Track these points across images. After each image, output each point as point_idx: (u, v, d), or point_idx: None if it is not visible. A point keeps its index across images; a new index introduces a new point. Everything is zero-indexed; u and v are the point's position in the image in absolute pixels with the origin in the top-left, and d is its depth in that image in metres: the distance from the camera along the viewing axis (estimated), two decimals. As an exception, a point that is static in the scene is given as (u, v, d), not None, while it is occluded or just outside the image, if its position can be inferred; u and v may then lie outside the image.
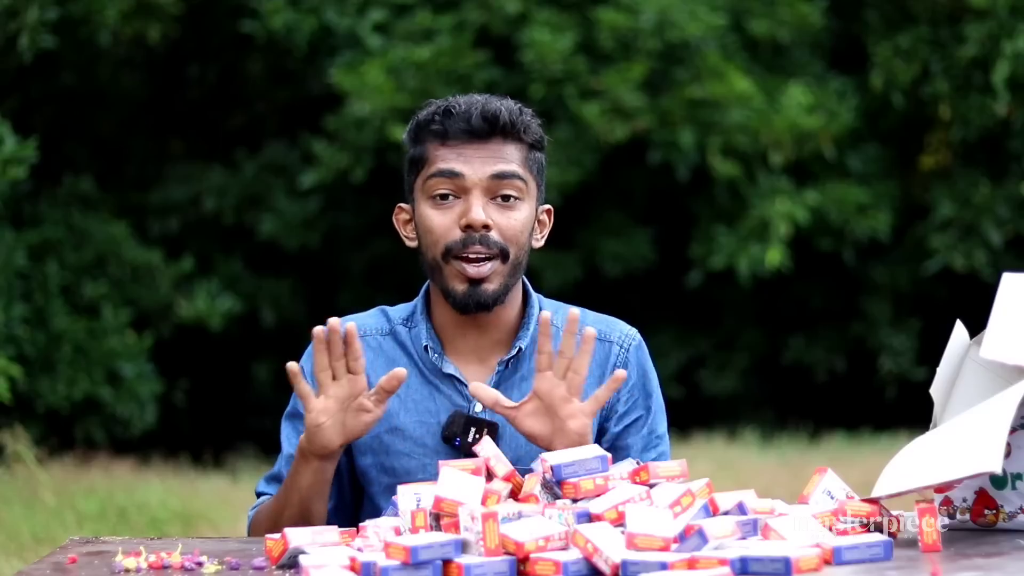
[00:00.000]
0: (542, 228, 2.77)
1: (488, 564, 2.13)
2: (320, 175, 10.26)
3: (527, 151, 2.70)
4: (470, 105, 2.69)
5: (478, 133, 2.66)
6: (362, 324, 2.78)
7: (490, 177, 2.65)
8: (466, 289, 2.66)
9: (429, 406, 2.71)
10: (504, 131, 2.67)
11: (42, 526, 6.50)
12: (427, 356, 2.72)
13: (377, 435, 2.72)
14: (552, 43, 10.02)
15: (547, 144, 2.77)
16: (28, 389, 9.02)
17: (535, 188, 2.71)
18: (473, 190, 2.65)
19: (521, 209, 2.68)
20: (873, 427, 10.32)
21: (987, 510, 2.46)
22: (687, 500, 2.24)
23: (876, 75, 10.64)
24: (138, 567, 2.31)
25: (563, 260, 10.56)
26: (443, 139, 2.67)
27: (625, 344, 2.78)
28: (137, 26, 9.83)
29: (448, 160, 2.66)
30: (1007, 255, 10.57)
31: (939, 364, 2.51)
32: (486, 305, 2.66)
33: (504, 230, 2.66)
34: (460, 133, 2.66)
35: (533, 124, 2.72)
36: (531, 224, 2.70)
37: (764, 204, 10.33)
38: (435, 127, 2.69)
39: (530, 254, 2.73)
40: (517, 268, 2.69)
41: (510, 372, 2.72)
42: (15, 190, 8.61)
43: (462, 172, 2.65)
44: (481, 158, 2.66)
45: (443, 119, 2.68)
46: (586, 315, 2.80)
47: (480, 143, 2.67)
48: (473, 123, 2.66)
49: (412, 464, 2.70)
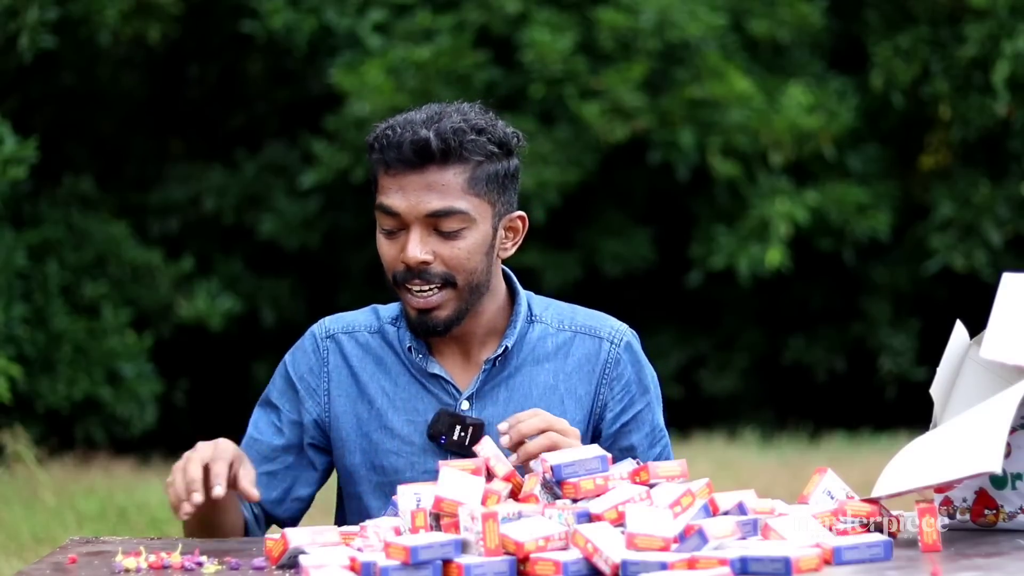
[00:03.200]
0: (514, 235, 2.71)
1: (488, 564, 2.13)
2: (320, 175, 10.26)
3: (474, 170, 2.62)
4: (403, 134, 2.61)
5: (411, 164, 2.61)
6: (352, 321, 2.79)
7: (426, 216, 2.61)
8: (416, 316, 2.66)
9: (417, 405, 2.71)
10: (440, 158, 2.60)
11: (42, 526, 6.51)
12: (411, 356, 2.72)
13: (366, 434, 2.72)
14: (552, 43, 10.02)
15: (520, 143, 2.69)
16: (28, 389, 9.02)
17: (488, 207, 2.64)
18: (412, 225, 2.61)
19: (467, 237, 2.62)
20: (873, 427, 10.32)
21: (987, 510, 2.46)
22: (687, 500, 2.24)
23: (876, 75, 10.64)
24: (138, 567, 2.31)
25: (563, 260, 10.56)
26: (385, 167, 2.64)
27: (616, 340, 2.75)
28: (137, 26, 9.83)
29: (389, 194, 2.62)
30: (1007, 255, 10.57)
31: (939, 364, 2.50)
32: (438, 330, 2.65)
33: (448, 260, 2.62)
34: (396, 163, 2.62)
35: (479, 141, 2.62)
36: (486, 244, 2.64)
37: (764, 204, 10.33)
38: (375, 156, 2.65)
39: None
40: (474, 289, 2.65)
41: (497, 370, 2.71)
42: (15, 190, 8.61)
43: (398, 211, 2.61)
44: (418, 191, 2.60)
45: (381, 149, 2.64)
46: (576, 311, 2.79)
47: (417, 172, 2.61)
48: (404, 154, 2.60)
49: (400, 462, 2.70)
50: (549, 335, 2.74)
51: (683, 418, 9.93)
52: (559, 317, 2.76)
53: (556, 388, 2.71)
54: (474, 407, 2.69)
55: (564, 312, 2.78)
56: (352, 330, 2.77)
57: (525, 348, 2.72)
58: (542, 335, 2.74)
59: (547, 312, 2.76)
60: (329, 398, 2.75)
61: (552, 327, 2.75)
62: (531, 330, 2.73)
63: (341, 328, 2.78)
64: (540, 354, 2.72)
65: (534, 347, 2.73)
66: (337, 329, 2.78)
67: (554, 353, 2.73)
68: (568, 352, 2.73)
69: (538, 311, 2.76)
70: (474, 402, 2.70)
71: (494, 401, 2.70)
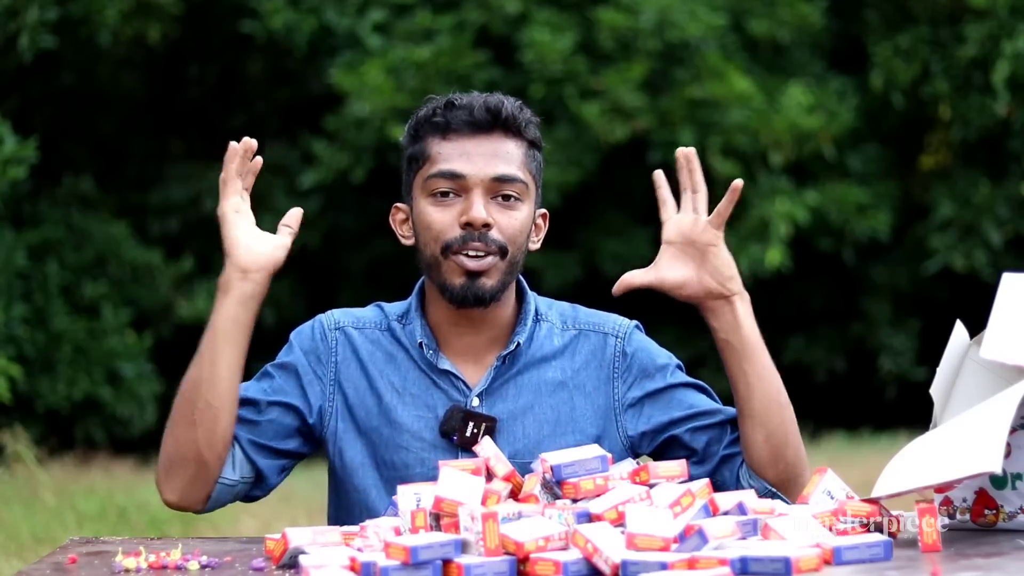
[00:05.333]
0: (538, 232, 2.77)
1: (488, 564, 2.13)
2: (320, 175, 10.26)
3: (527, 149, 2.69)
4: (472, 98, 2.69)
5: (480, 125, 2.66)
6: (360, 317, 2.79)
7: (492, 179, 2.65)
8: (464, 282, 2.65)
9: (427, 400, 2.71)
10: (506, 125, 2.67)
11: (42, 526, 6.51)
12: (422, 352, 2.72)
13: (376, 427, 2.72)
14: (552, 43, 10.02)
15: (544, 149, 2.77)
16: (28, 389, 9.02)
17: (534, 189, 2.71)
18: (475, 189, 2.65)
19: (521, 209, 2.68)
20: (873, 427, 10.33)
21: (987, 510, 2.46)
22: (687, 500, 2.24)
23: (876, 75, 10.64)
24: (138, 567, 2.31)
25: (563, 260, 10.57)
26: (444, 133, 2.67)
27: (620, 334, 2.79)
28: (137, 26, 9.84)
29: (450, 159, 2.66)
30: (1007, 255, 10.58)
31: (939, 364, 2.50)
32: (483, 299, 2.66)
33: (504, 229, 2.66)
34: (462, 125, 2.66)
35: (533, 123, 2.71)
36: (530, 225, 2.70)
37: (764, 204, 10.34)
38: (437, 119, 2.68)
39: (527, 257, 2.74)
40: (514, 267, 2.69)
41: (507, 367, 2.72)
42: (15, 190, 8.61)
43: (464, 173, 2.65)
44: (483, 155, 2.66)
45: (445, 111, 2.68)
46: (578, 311, 2.81)
47: (482, 136, 2.67)
48: (476, 114, 2.66)
49: (410, 458, 2.70)
50: (555, 334, 2.76)
51: (683, 418, 9.92)
52: (563, 316, 2.79)
53: (565, 384, 2.73)
54: (484, 403, 2.70)
55: (567, 312, 2.81)
56: (361, 325, 2.77)
57: (534, 346, 2.74)
58: (548, 334, 2.76)
59: (551, 312, 2.79)
60: (336, 388, 2.74)
61: (558, 326, 2.77)
62: (538, 329, 2.76)
63: (350, 322, 2.78)
64: (548, 352, 2.75)
65: (542, 345, 2.75)
66: (346, 322, 2.78)
67: (561, 351, 2.75)
68: (575, 349, 2.76)
69: (543, 311, 2.79)
70: (484, 398, 2.70)
71: (504, 397, 2.71)
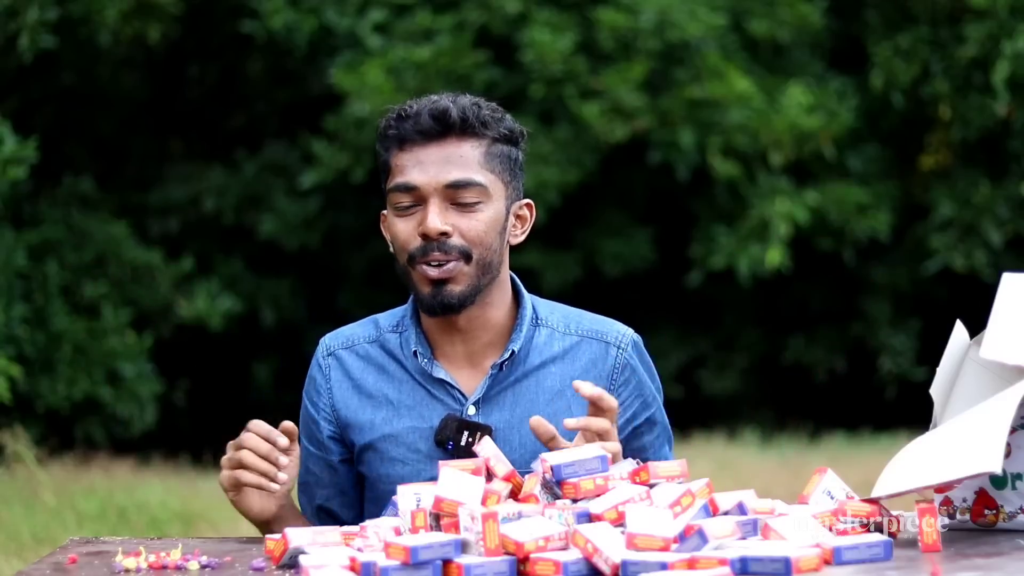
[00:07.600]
0: (522, 223, 2.74)
1: (488, 564, 2.13)
2: (320, 175, 10.26)
3: (488, 146, 2.65)
4: (422, 106, 2.65)
5: (430, 133, 2.63)
6: (351, 335, 2.77)
7: (445, 187, 2.62)
8: (431, 291, 2.63)
9: (422, 411, 2.69)
10: (459, 129, 2.63)
11: (42, 526, 6.51)
12: (416, 361, 2.71)
13: (371, 443, 2.70)
14: (552, 43, 10.02)
15: (524, 138, 2.72)
16: (28, 389, 9.02)
17: (502, 186, 2.67)
18: (430, 199, 2.61)
19: (484, 211, 2.63)
20: (873, 427, 10.32)
21: (987, 510, 2.46)
22: (687, 500, 2.24)
23: (876, 75, 10.64)
24: (138, 567, 2.31)
25: (563, 260, 10.56)
26: (400, 144, 2.65)
27: (623, 345, 2.75)
28: (137, 26, 9.83)
29: (405, 171, 2.63)
30: (1007, 255, 10.57)
31: (939, 364, 2.50)
32: (451, 306, 2.63)
33: (466, 232, 2.62)
34: (414, 135, 2.63)
35: (494, 118, 2.66)
36: (500, 223, 2.66)
37: (764, 204, 10.33)
38: (391, 132, 2.66)
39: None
40: (487, 268, 2.65)
41: (504, 375, 2.69)
42: (15, 190, 8.62)
43: (417, 184, 2.62)
44: (436, 163, 2.62)
45: (397, 123, 2.66)
46: (582, 316, 2.77)
47: (434, 144, 2.63)
48: (422, 123, 2.63)
49: (406, 470, 2.67)
50: (556, 339, 2.73)
51: (683, 418, 9.92)
52: (565, 321, 2.75)
53: (563, 393, 2.69)
54: (481, 412, 2.68)
55: (570, 316, 2.77)
56: (351, 344, 2.76)
57: (532, 352, 2.71)
58: (548, 339, 2.72)
59: (552, 316, 2.75)
60: (334, 414, 2.74)
61: (559, 331, 2.73)
62: (537, 334, 2.72)
63: (340, 344, 2.77)
64: (547, 358, 2.71)
65: (540, 351, 2.71)
66: (337, 345, 2.77)
67: (560, 357, 2.72)
68: (575, 356, 2.72)
69: (544, 314, 2.75)
70: (481, 407, 2.68)
71: (500, 406, 2.68)
